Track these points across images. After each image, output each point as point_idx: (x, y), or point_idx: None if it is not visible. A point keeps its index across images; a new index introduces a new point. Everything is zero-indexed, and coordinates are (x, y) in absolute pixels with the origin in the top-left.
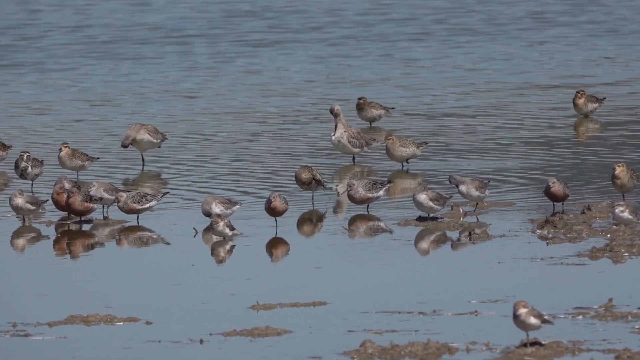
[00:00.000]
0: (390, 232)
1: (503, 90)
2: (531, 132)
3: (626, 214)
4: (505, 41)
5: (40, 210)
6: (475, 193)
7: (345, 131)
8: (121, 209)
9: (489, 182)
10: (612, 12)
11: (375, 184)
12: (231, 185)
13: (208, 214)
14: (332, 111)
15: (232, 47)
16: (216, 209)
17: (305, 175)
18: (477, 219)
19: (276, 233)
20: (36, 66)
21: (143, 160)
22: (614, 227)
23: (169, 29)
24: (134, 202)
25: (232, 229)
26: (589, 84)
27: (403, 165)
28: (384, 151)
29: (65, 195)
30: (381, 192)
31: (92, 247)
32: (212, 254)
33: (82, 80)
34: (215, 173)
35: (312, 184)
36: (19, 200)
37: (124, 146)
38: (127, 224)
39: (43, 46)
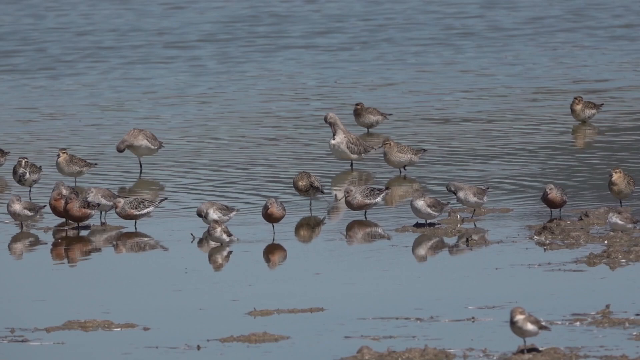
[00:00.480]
0: (388, 238)
1: (503, 96)
2: (528, 138)
3: (619, 220)
4: (513, 46)
5: (38, 216)
6: (473, 199)
7: (345, 136)
8: (119, 214)
9: (488, 188)
10: (624, 16)
11: (372, 190)
12: (229, 191)
13: (201, 214)
14: (326, 119)
15: (240, 52)
16: (214, 215)
17: (302, 183)
18: (475, 225)
19: (274, 239)
20: (46, 71)
21: (141, 166)
22: (611, 233)
23: (179, 34)
24: (132, 208)
25: (229, 234)
26: (589, 89)
27: (401, 172)
28: (382, 157)
29: (63, 201)
30: (379, 199)
31: (89, 252)
32: (210, 260)
33: (92, 85)
34: (214, 179)
35: (310, 190)
36: (17, 207)
37: (119, 150)
38: (124, 230)
39: (51, 51)
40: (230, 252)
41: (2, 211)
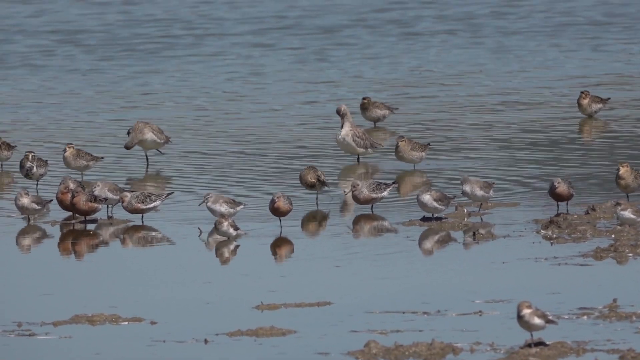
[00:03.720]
0: (395, 232)
1: (509, 90)
2: (535, 132)
3: (629, 214)
4: (527, 43)
5: (45, 210)
6: (479, 193)
7: (351, 130)
8: (126, 208)
9: (493, 183)
10: None
11: (379, 184)
12: (237, 184)
13: (204, 201)
14: (338, 111)
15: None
16: (221, 208)
17: (310, 178)
18: (482, 219)
19: (280, 233)
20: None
21: (147, 160)
22: (618, 227)
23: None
24: (139, 202)
25: (236, 228)
26: (596, 83)
27: (415, 167)
28: (392, 151)
29: (69, 195)
30: (385, 193)
31: (96, 246)
32: (217, 254)
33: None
34: (221, 173)
35: (316, 184)
36: (25, 200)
37: (128, 148)
38: (131, 224)
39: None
40: (237, 246)
41: (10, 205)
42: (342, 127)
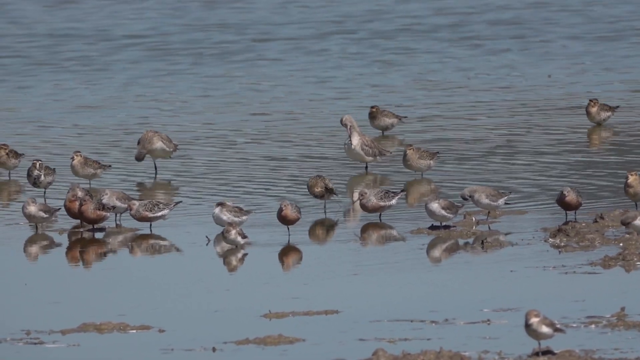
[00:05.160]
0: (403, 240)
1: (520, 98)
2: (543, 139)
3: (637, 222)
4: (543, 52)
5: (53, 218)
6: (485, 201)
7: (360, 139)
8: (134, 216)
9: (510, 193)
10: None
11: (387, 192)
12: (245, 192)
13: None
14: (342, 122)
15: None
16: (222, 216)
17: (318, 188)
18: (489, 227)
19: (288, 241)
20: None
21: (156, 168)
22: (627, 235)
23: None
24: (147, 210)
25: (244, 237)
26: (601, 92)
27: (422, 175)
28: (400, 160)
29: (77, 203)
30: (393, 201)
31: (104, 255)
32: (225, 263)
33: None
34: (230, 180)
35: (324, 194)
36: (32, 209)
37: (139, 160)
38: (139, 232)
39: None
40: (245, 255)
41: (18, 213)
42: (349, 137)
